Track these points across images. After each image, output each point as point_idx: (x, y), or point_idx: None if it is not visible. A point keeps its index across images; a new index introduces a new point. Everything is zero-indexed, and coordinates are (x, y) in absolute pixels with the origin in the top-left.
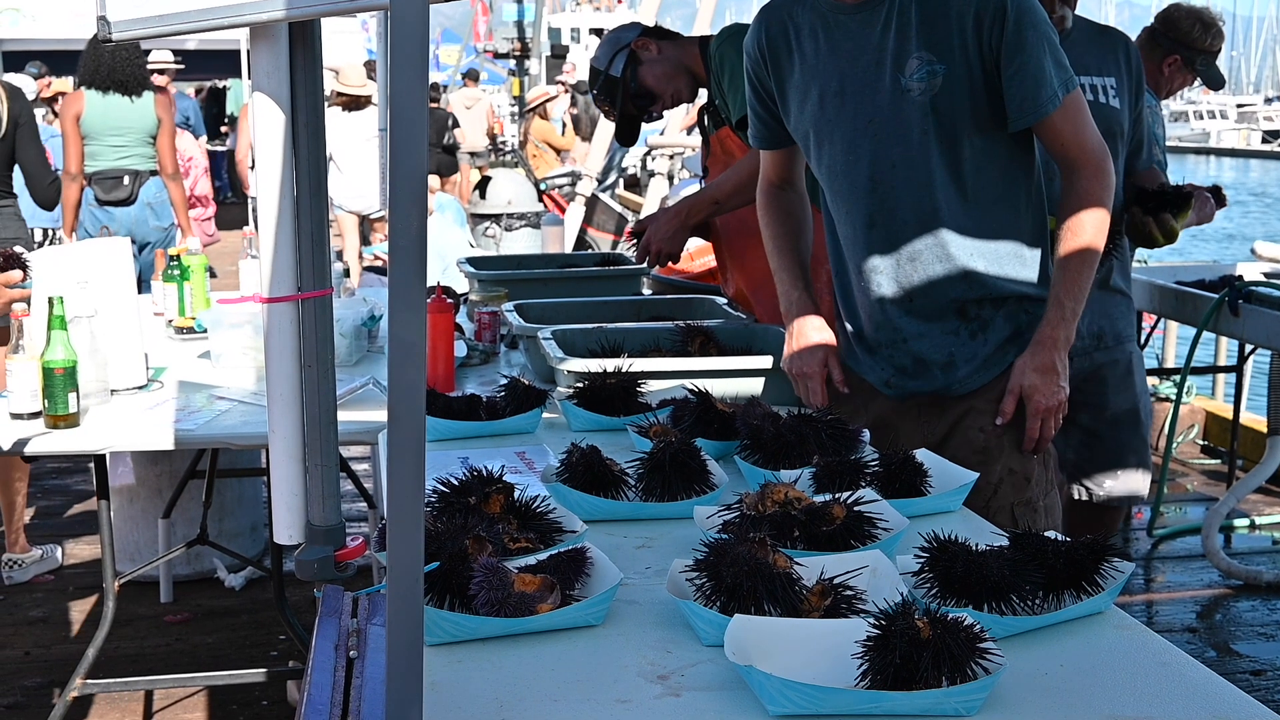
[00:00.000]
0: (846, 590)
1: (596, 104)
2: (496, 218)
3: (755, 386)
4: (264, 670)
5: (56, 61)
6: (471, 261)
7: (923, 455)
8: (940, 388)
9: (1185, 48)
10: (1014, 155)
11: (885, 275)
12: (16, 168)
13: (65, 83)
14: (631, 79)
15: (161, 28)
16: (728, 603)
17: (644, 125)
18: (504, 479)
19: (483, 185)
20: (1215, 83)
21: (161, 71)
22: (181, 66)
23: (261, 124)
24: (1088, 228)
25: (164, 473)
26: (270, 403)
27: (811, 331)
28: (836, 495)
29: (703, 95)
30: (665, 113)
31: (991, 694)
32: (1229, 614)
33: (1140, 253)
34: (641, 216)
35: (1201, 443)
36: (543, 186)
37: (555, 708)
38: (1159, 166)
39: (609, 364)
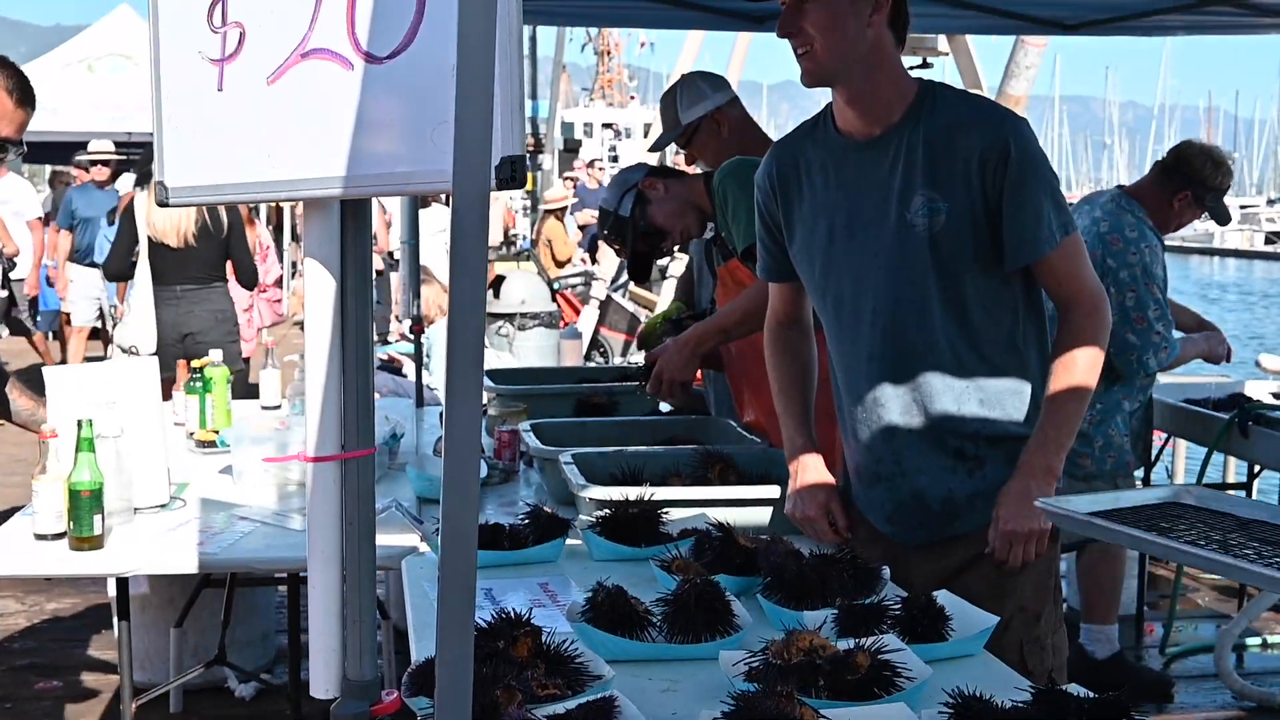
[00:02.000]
0: None
1: (607, 244)
2: (510, 317)
3: (775, 513)
4: None
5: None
6: (490, 375)
7: (944, 598)
8: (942, 536)
9: (1197, 184)
10: (1019, 295)
11: (886, 408)
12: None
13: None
14: (641, 218)
15: (216, 197)
16: None
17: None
18: (531, 621)
19: (496, 285)
20: (1223, 219)
21: (105, 162)
22: (122, 158)
23: (312, 289)
24: (1080, 364)
25: (175, 581)
26: (310, 558)
27: (812, 473)
28: (860, 642)
29: (710, 229)
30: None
31: None
32: None
33: None
34: (653, 316)
35: None
36: (556, 286)
37: None
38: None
39: (631, 492)
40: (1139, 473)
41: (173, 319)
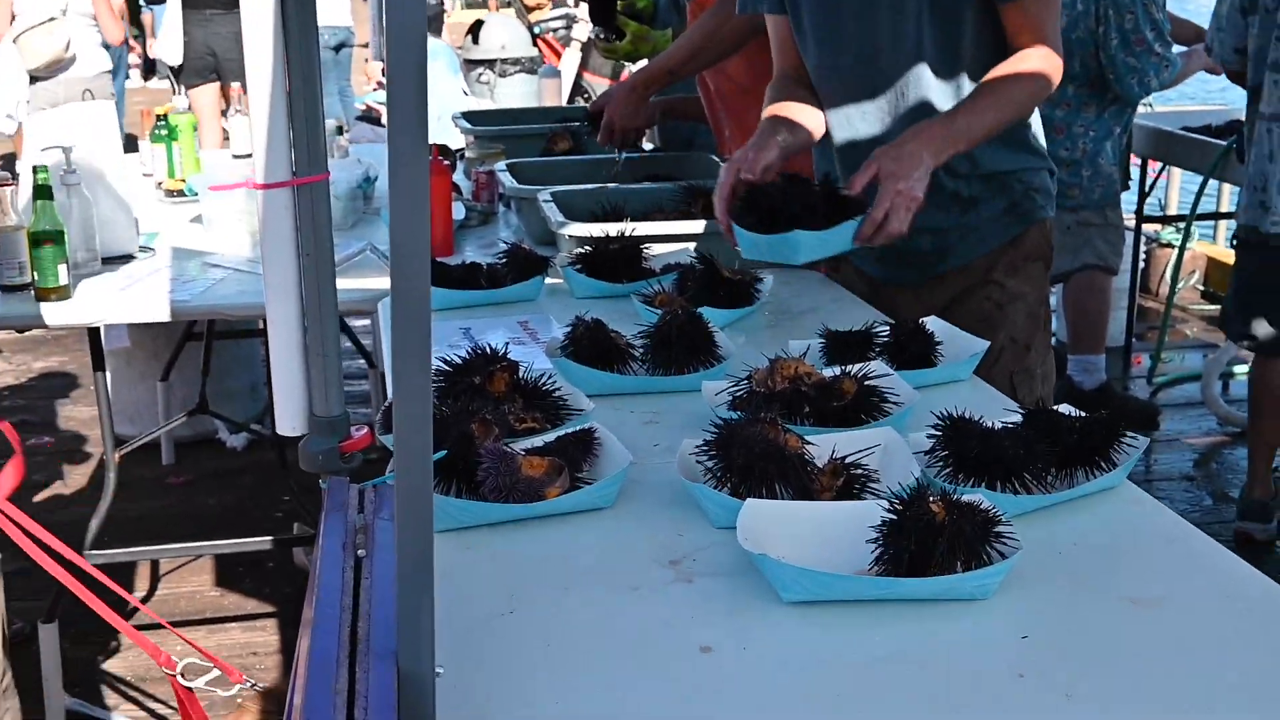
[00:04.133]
0: (858, 470)
1: None
2: (490, 63)
3: None
4: (270, 539)
5: None
6: (467, 116)
7: (933, 324)
8: (931, 274)
9: None
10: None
11: (873, 148)
12: None
13: None
14: None
15: None
16: (739, 485)
17: None
18: (508, 356)
19: (475, 30)
20: None
21: None
22: None
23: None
24: (1022, 84)
25: (160, 335)
26: (268, 292)
27: (763, 138)
28: (846, 369)
29: None
30: None
31: (1006, 576)
32: (1225, 462)
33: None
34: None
35: (1201, 288)
36: (536, 30)
37: (566, 596)
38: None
39: (611, 228)
40: (1130, 202)
41: (202, 38)
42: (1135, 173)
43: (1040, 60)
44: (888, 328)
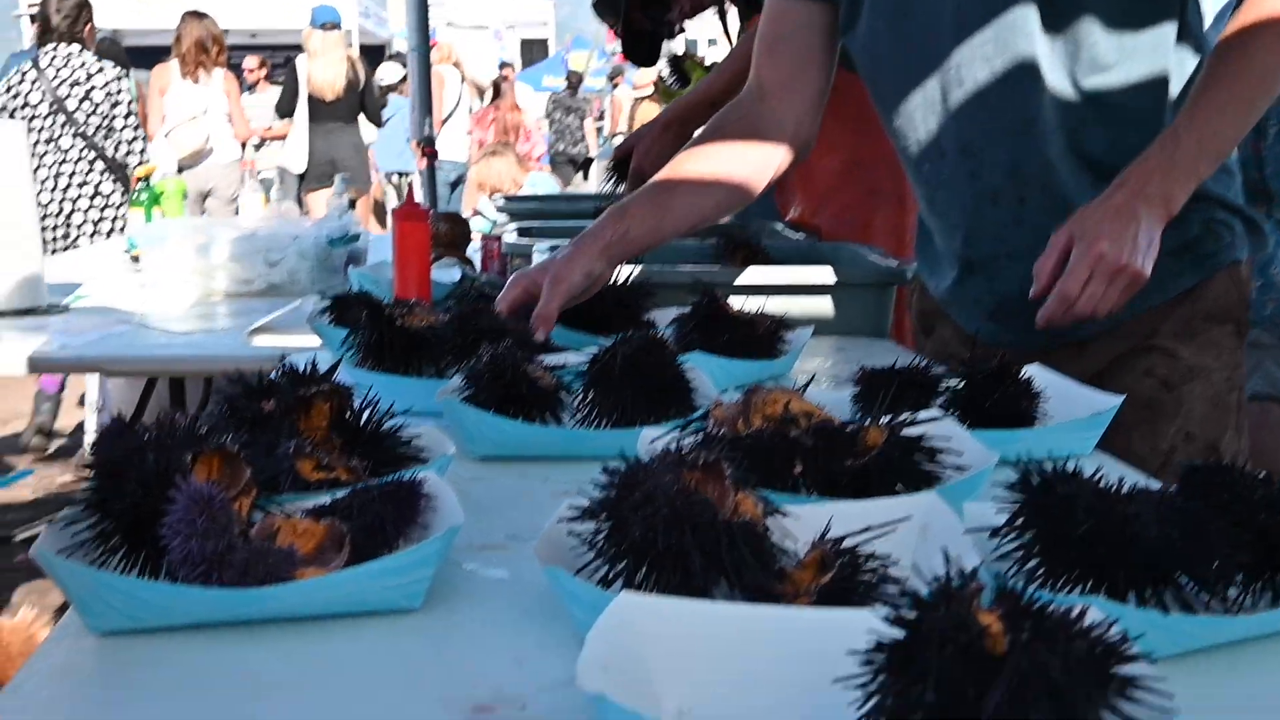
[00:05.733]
0: (864, 560)
1: (598, 15)
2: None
3: (809, 306)
4: None
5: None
6: (507, 197)
7: (1035, 372)
8: (1066, 338)
9: None
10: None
11: (979, 160)
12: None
13: None
14: None
15: None
16: (634, 573)
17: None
18: (336, 380)
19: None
20: None
21: None
22: None
23: None
24: (1266, 52)
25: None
26: None
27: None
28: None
29: None
30: (686, 23)
31: None
32: None
33: None
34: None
35: None
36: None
37: None
38: None
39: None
40: None
41: (324, 147)
42: None
43: None
44: (961, 369)
